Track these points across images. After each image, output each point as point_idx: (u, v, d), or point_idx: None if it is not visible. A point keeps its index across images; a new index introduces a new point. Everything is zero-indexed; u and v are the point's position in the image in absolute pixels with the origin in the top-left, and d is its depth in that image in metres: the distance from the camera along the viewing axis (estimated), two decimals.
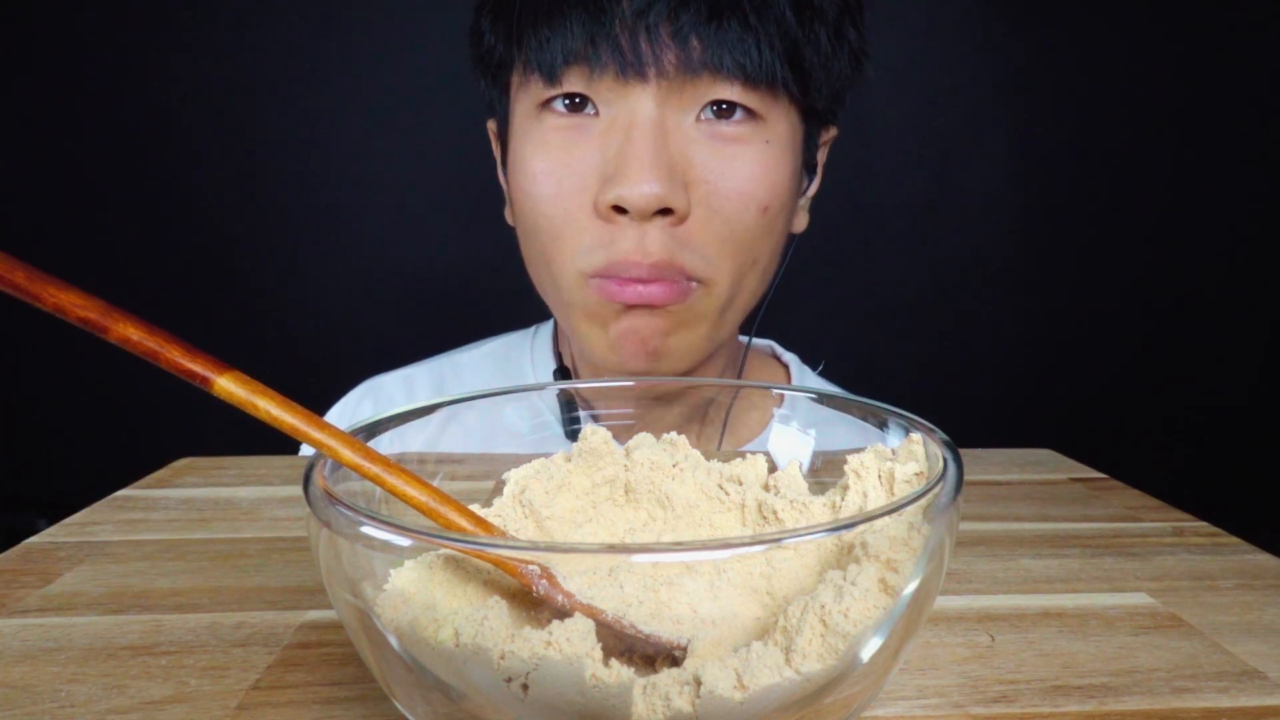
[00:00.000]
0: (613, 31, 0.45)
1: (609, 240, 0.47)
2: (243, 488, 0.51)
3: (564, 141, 0.49)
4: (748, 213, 0.49)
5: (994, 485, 0.52)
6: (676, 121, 0.47)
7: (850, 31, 0.52)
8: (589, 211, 0.48)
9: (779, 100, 0.49)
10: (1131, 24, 1.60)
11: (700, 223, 0.48)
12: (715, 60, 0.46)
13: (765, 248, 0.51)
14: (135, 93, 1.54)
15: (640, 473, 0.29)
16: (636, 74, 0.46)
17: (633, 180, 0.45)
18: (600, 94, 0.48)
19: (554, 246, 0.50)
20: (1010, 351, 1.70)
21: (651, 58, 0.46)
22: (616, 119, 0.47)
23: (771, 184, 0.49)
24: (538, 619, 0.23)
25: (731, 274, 0.50)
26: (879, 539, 0.21)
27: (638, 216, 0.46)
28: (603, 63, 0.46)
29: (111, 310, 0.21)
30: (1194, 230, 1.68)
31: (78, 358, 1.57)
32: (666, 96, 0.47)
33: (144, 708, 0.28)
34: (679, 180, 0.46)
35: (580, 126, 0.48)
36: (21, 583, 0.37)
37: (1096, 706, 0.28)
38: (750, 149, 0.49)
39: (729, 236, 0.48)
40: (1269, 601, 0.36)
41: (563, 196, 0.48)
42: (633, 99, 0.47)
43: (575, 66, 0.47)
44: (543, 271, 0.52)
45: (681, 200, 0.46)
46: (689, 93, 0.47)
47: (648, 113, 0.46)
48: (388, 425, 0.28)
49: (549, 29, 0.47)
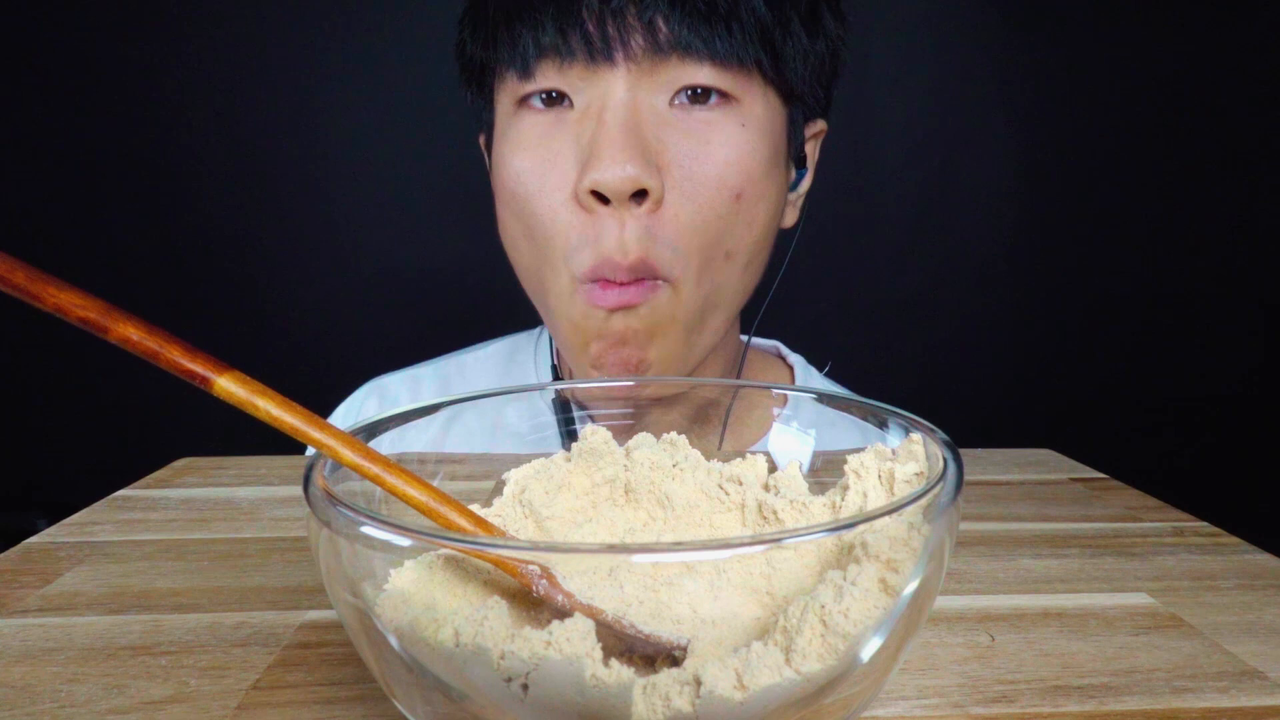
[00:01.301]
0: (580, 19, 0.46)
1: (594, 236, 0.47)
2: (243, 488, 0.51)
3: (542, 136, 0.49)
4: (720, 198, 0.48)
5: (994, 485, 0.52)
6: (650, 105, 0.48)
7: (827, 18, 0.52)
8: (572, 206, 0.48)
9: (753, 82, 0.49)
10: (1131, 24, 1.60)
11: (674, 208, 0.48)
12: (683, 42, 0.46)
13: (742, 240, 0.50)
14: (136, 93, 1.55)
15: (640, 473, 0.29)
16: (605, 59, 0.47)
17: (606, 163, 0.45)
18: (573, 83, 0.48)
19: (545, 250, 0.50)
20: (1010, 351, 1.70)
21: (619, 41, 0.46)
22: (589, 106, 0.48)
23: (745, 168, 0.49)
24: (538, 619, 0.23)
25: (698, 269, 0.49)
26: (879, 539, 0.21)
27: (615, 200, 0.46)
28: (572, 51, 0.47)
29: (111, 310, 0.21)
30: (1194, 230, 1.68)
31: (78, 358, 1.57)
32: (637, 80, 0.47)
33: (144, 708, 0.28)
34: (652, 162, 0.47)
35: (557, 120, 0.49)
36: (21, 583, 0.37)
37: (1096, 706, 0.28)
38: (724, 131, 0.48)
39: (700, 225, 0.48)
40: (1269, 601, 0.36)
41: (546, 192, 0.49)
42: (603, 84, 0.47)
43: (547, 58, 0.48)
44: (533, 280, 0.53)
45: (656, 182, 0.46)
46: (659, 76, 0.47)
47: (619, 97, 0.47)
48: (388, 425, 0.28)
49: (520, 24, 0.48)
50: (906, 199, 1.65)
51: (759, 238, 0.52)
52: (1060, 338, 1.71)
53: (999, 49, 1.62)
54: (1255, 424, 1.73)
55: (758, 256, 0.53)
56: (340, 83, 1.57)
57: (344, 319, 1.62)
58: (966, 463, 0.25)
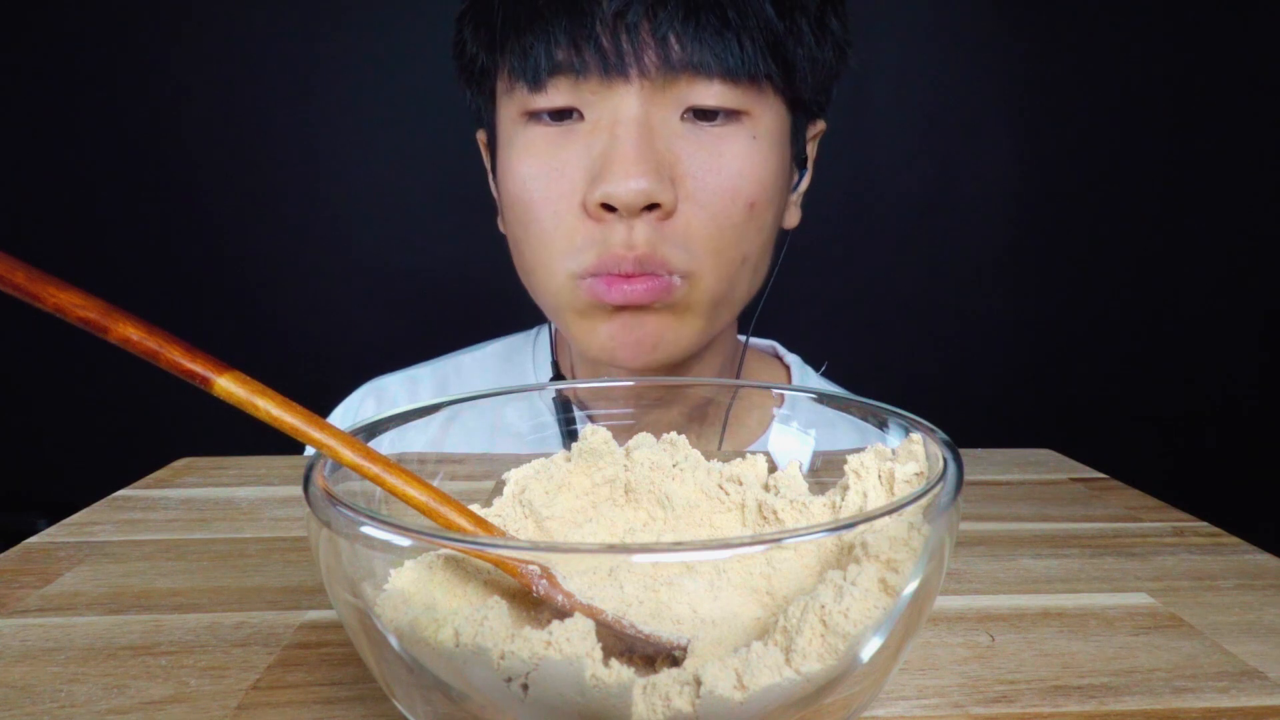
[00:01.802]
0: (594, 33, 0.46)
1: (601, 238, 0.48)
2: (243, 488, 0.51)
3: (551, 145, 0.49)
4: (734, 208, 0.49)
5: (994, 485, 0.52)
6: (662, 119, 0.48)
7: (833, 21, 0.52)
8: (578, 213, 0.48)
9: (764, 94, 0.49)
10: (1131, 24, 1.60)
11: (687, 218, 0.48)
12: (695, 59, 0.46)
13: (754, 244, 0.51)
14: (136, 93, 1.54)
15: (640, 473, 0.29)
16: (619, 74, 0.46)
17: (619, 177, 0.45)
18: (585, 98, 0.48)
19: (545, 251, 0.50)
20: (1010, 351, 1.70)
21: (633, 57, 0.46)
22: (601, 119, 0.48)
23: (759, 179, 0.49)
24: (538, 619, 0.23)
25: (718, 268, 0.49)
26: (879, 539, 0.21)
27: (626, 213, 0.46)
28: (586, 66, 0.46)
29: (112, 310, 0.21)
30: (1194, 230, 1.68)
31: (78, 358, 1.57)
32: (650, 95, 0.47)
33: (144, 708, 0.28)
34: (665, 176, 0.47)
35: (567, 131, 0.49)
36: (21, 583, 0.37)
37: (1096, 706, 0.28)
38: (736, 144, 0.49)
39: (716, 232, 0.48)
40: (1269, 601, 0.36)
41: (552, 199, 0.49)
42: (616, 98, 0.47)
43: (560, 73, 0.47)
44: (534, 277, 0.53)
45: (668, 195, 0.46)
46: (672, 92, 0.47)
47: (632, 111, 0.47)
48: (388, 425, 0.28)
49: (532, 36, 0.47)
50: (906, 199, 1.64)
51: (765, 242, 0.53)
52: (1060, 338, 1.71)
53: (999, 49, 1.62)
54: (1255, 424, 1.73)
55: (763, 260, 0.54)
56: (340, 82, 1.57)
57: (344, 319, 1.62)
58: (966, 463, 0.25)
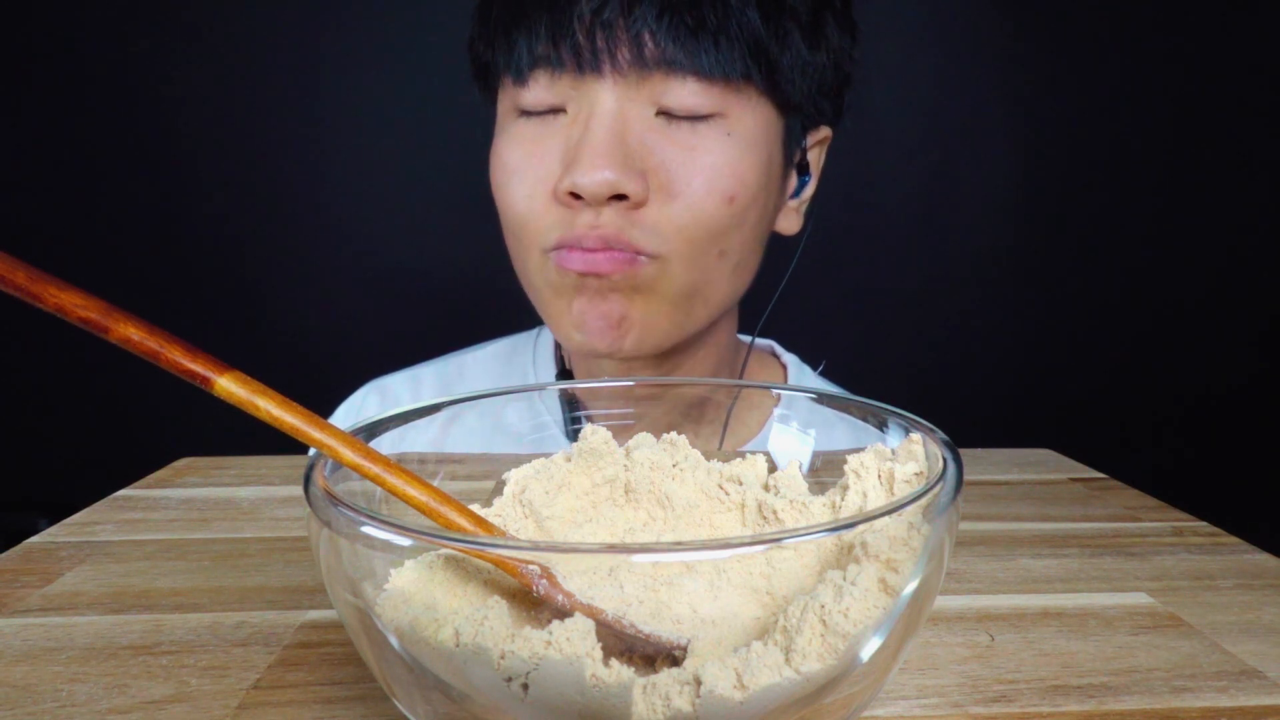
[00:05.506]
0: (572, 30, 0.47)
1: (569, 221, 0.49)
2: (243, 488, 0.51)
3: (535, 137, 0.51)
4: (710, 201, 0.49)
5: (994, 485, 0.53)
6: (638, 113, 0.49)
7: (831, 29, 0.52)
8: (548, 198, 0.50)
9: (744, 95, 0.49)
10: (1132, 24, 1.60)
11: (658, 208, 0.49)
12: (669, 56, 0.47)
13: (735, 240, 0.51)
14: (136, 93, 1.54)
15: (640, 473, 0.29)
16: (593, 69, 0.48)
17: (585, 167, 0.47)
18: (565, 92, 0.50)
19: (523, 233, 0.52)
20: (1010, 351, 1.70)
21: (607, 54, 0.47)
22: (578, 113, 0.49)
23: (736, 174, 0.50)
24: (538, 619, 0.23)
25: (690, 256, 0.50)
26: (879, 539, 0.21)
27: (592, 201, 0.48)
28: (562, 61, 0.48)
29: (112, 310, 0.21)
30: (1193, 230, 1.68)
31: (78, 358, 1.57)
32: (625, 91, 0.48)
33: (144, 707, 0.28)
34: (635, 168, 0.48)
35: (550, 124, 0.51)
36: (22, 582, 0.37)
37: (1096, 706, 0.28)
38: (709, 140, 0.49)
39: (690, 221, 0.49)
40: (1269, 601, 0.36)
41: (528, 184, 0.51)
42: (592, 93, 0.49)
43: (540, 67, 0.49)
44: (515, 260, 0.55)
45: (636, 187, 0.47)
46: (647, 89, 0.48)
47: (606, 105, 0.48)
48: (388, 425, 0.28)
49: (517, 32, 0.49)
50: (906, 199, 1.65)
51: (749, 240, 0.53)
52: (1060, 337, 1.71)
53: (999, 49, 1.62)
54: (1255, 424, 1.73)
55: (749, 259, 0.54)
56: (341, 83, 1.57)
57: (344, 319, 1.62)
58: (966, 463, 0.25)
